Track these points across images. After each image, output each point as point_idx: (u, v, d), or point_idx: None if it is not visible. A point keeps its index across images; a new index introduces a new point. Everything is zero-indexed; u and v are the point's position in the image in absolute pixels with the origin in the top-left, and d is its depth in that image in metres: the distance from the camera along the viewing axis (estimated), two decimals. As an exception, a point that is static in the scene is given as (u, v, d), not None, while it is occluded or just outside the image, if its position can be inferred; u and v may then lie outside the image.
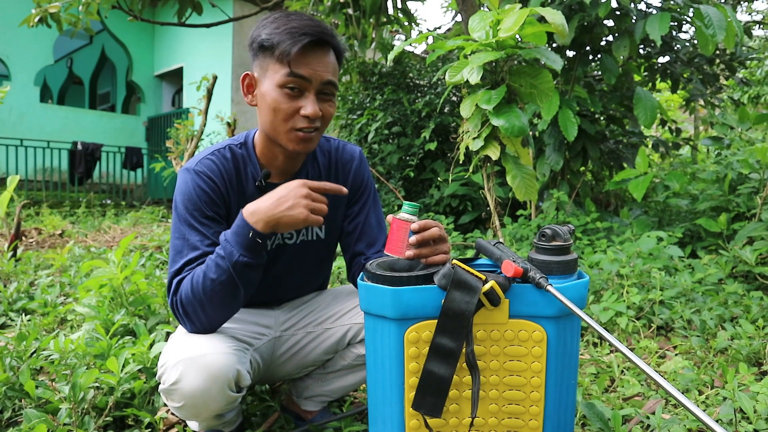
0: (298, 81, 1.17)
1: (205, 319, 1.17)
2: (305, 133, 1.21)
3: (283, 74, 1.17)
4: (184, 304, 1.16)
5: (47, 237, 5.13)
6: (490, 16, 2.26)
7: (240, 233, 1.13)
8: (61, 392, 1.47)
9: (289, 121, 1.20)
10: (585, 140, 3.77)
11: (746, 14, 11.31)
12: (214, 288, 1.13)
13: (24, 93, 9.77)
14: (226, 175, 1.29)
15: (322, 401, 1.54)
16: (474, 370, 1.02)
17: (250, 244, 1.12)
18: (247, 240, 1.12)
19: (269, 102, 1.19)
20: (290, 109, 1.19)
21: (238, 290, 1.15)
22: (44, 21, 4.81)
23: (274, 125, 1.22)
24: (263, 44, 1.19)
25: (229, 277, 1.12)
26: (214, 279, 1.12)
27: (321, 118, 1.22)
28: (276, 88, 1.18)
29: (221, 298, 1.15)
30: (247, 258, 1.13)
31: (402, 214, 1.14)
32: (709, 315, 2.14)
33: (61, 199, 8.93)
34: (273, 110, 1.19)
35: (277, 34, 1.16)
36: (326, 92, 1.22)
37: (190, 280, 1.15)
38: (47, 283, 2.92)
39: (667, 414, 1.55)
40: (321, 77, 1.19)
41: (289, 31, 1.16)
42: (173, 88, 12.14)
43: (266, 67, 1.20)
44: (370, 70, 5.67)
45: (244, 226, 1.13)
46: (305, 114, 1.18)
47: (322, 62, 1.19)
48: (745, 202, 3.09)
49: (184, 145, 6.08)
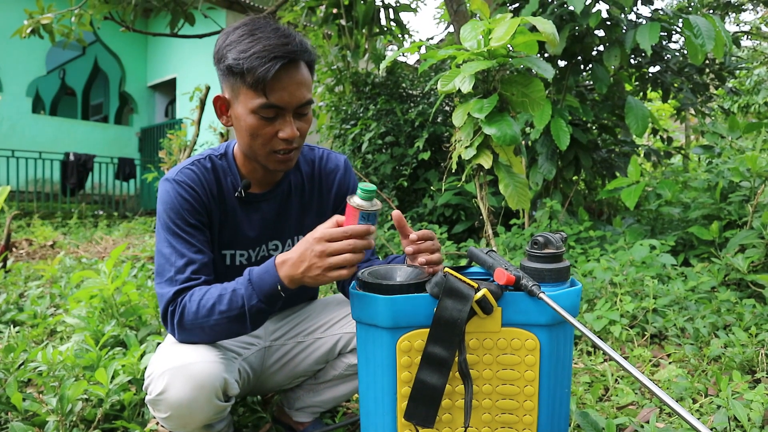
0: (274, 109, 1.15)
1: (199, 338, 1.16)
2: (284, 154, 1.20)
3: (258, 103, 1.13)
4: (183, 317, 1.13)
5: (38, 248, 5.09)
6: (481, 26, 2.27)
7: (266, 280, 1.08)
8: (48, 404, 1.45)
9: (268, 145, 1.18)
10: (577, 149, 3.78)
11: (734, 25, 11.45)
12: (220, 320, 1.10)
13: (16, 104, 9.73)
14: (207, 185, 1.27)
15: (314, 412, 1.53)
16: (467, 379, 1.01)
17: (274, 294, 1.09)
18: (272, 289, 1.08)
19: (245, 127, 1.17)
20: (267, 134, 1.17)
21: (245, 327, 1.13)
22: (36, 32, 4.81)
23: (252, 149, 1.21)
24: (232, 69, 1.13)
25: (241, 317, 1.10)
26: (223, 312, 1.10)
27: (299, 137, 1.20)
28: (250, 113, 1.15)
29: (224, 330, 1.13)
30: (264, 305, 1.09)
31: (357, 200, 1.04)
32: (702, 323, 2.14)
33: (52, 210, 8.88)
34: (251, 135, 1.17)
35: (245, 59, 1.10)
36: (302, 111, 1.20)
37: (199, 300, 1.12)
38: (37, 295, 2.89)
39: (662, 423, 1.55)
40: (296, 101, 1.16)
41: (258, 56, 1.10)
42: (166, 99, 12.13)
43: (238, 91, 1.16)
44: (363, 80, 5.69)
45: (272, 275, 1.08)
46: (283, 137, 1.16)
47: (295, 83, 1.15)
48: (736, 210, 3.10)
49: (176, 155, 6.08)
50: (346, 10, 5.20)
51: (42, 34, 4.85)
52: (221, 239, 1.33)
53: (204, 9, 5.51)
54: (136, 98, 11.64)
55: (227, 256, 1.36)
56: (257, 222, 1.35)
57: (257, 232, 1.35)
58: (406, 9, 5.55)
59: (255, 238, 1.36)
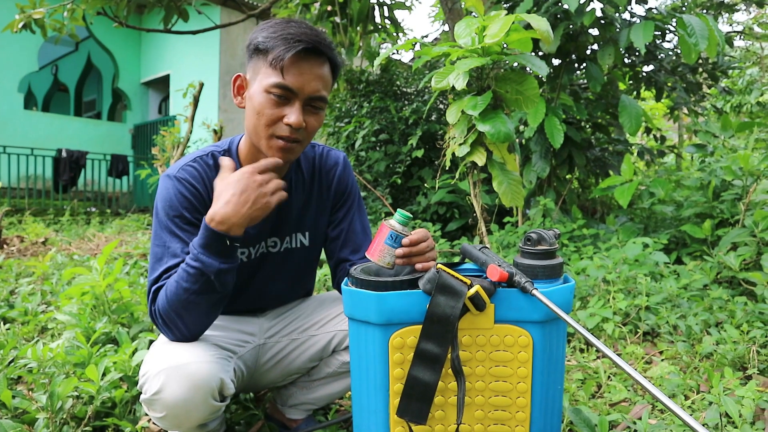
0: (286, 91, 1.15)
1: (185, 328, 1.15)
2: (285, 142, 1.18)
3: (272, 81, 1.14)
4: (162, 314, 1.14)
5: (30, 245, 5.05)
6: (475, 23, 2.27)
7: (213, 243, 1.10)
8: (38, 402, 1.44)
9: (271, 127, 1.18)
10: (571, 147, 3.79)
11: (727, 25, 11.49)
12: (190, 298, 1.11)
13: (7, 100, 9.65)
14: (209, 182, 1.26)
15: (306, 409, 1.52)
16: (459, 375, 1.01)
17: (228, 250, 1.12)
18: (224, 248, 1.11)
19: (255, 105, 1.17)
20: (274, 115, 1.16)
21: (220, 298, 1.14)
22: (28, 27, 4.76)
23: (256, 129, 1.19)
24: (258, 47, 1.17)
25: (209, 286, 1.11)
26: (189, 288, 1.10)
27: (305, 129, 1.19)
28: (263, 92, 1.16)
29: (199, 307, 1.13)
30: (226, 265, 1.11)
31: (392, 222, 1.13)
32: (694, 320, 2.15)
33: (44, 207, 8.81)
34: (257, 113, 1.17)
35: (272, 39, 1.14)
36: (314, 105, 1.20)
37: (165, 290, 1.13)
38: (28, 291, 2.87)
39: (654, 419, 1.55)
40: (310, 90, 1.17)
41: (284, 37, 1.13)
42: (160, 96, 12.07)
43: (258, 70, 1.18)
44: (357, 77, 5.68)
45: (215, 235, 1.10)
46: (288, 122, 1.16)
47: (313, 73, 1.16)
48: (728, 208, 3.12)
49: (170, 152, 6.04)
50: (340, 8, 5.19)
51: (34, 29, 4.80)
52: None
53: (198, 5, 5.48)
54: (129, 95, 11.58)
55: None
56: None
57: (257, 229, 1.34)
58: (400, 7, 5.54)
59: (255, 235, 1.35)
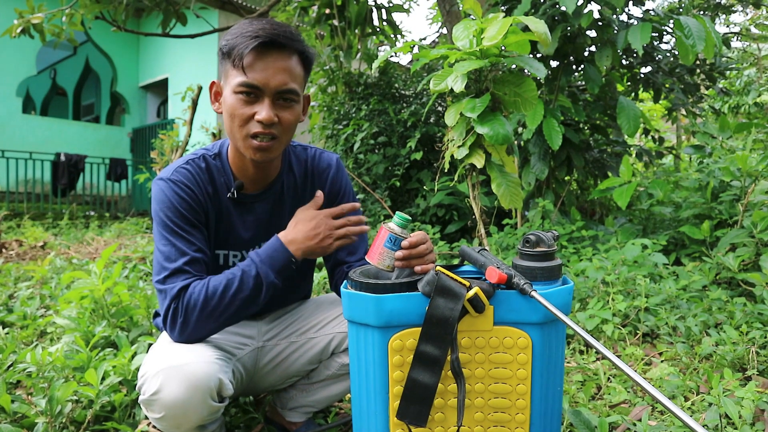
0: (251, 89, 1.16)
1: (203, 330, 1.17)
2: (260, 141, 1.19)
3: (238, 80, 1.16)
4: (188, 312, 1.14)
5: (28, 249, 5.04)
6: (474, 25, 2.27)
7: (276, 258, 1.20)
8: (37, 406, 1.44)
9: (245, 127, 1.19)
10: (569, 149, 3.79)
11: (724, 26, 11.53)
12: (233, 302, 1.16)
13: (6, 104, 9.64)
14: (202, 184, 1.27)
15: (306, 412, 1.52)
16: (459, 377, 1.01)
17: (286, 268, 1.22)
18: (283, 265, 1.21)
19: (227, 108, 1.20)
20: (245, 114, 1.18)
21: (256, 306, 1.21)
22: (27, 32, 4.76)
23: (232, 132, 1.22)
24: (222, 50, 1.20)
25: (256, 295, 1.18)
26: (235, 293, 1.16)
27: (279, 125, 1.20)
28: (232, 93, 1.18)
29: (237, 312, 1.18)
30: (278, 281, 1.21)
31: (391, 224, 1.14)
32: (693, 321, 2.15)
33: (43, 211, 8.80)
34: (230, 116, 1.20)
35: (233, 39, 1.16)
36: (285, 98, 1.20)
37: (205, 290, 1.14)
38: (27, 296, 2.86)
39: (654, 421, 1.55)
40: (275, 84, 1.17)
41: (243, 35, 1.15)
42: (158, 99, 12.07)
43: (227, 74, 1.20)
44: (355, 80, 5.68)
45: (283, 251, 1.21)
46: (258, 119, 1.17)
47: (276, 67, 1.17)
48: (727, 209, 3.12)
49: (168, 155, 6.05)
50: (338, 11, 5.20)
51: (32, 34, 4.81)
52: (216, 239, 1.33)
53: (196, 9, 5.49)
54: (127, 98, 11.57)
55: (221, 256, 1.36)
56: (251, 223, 1.35)
57: (251, 233, 1.35)
58: (398, 9, 5.55)
59: (249, 239, 1.36)
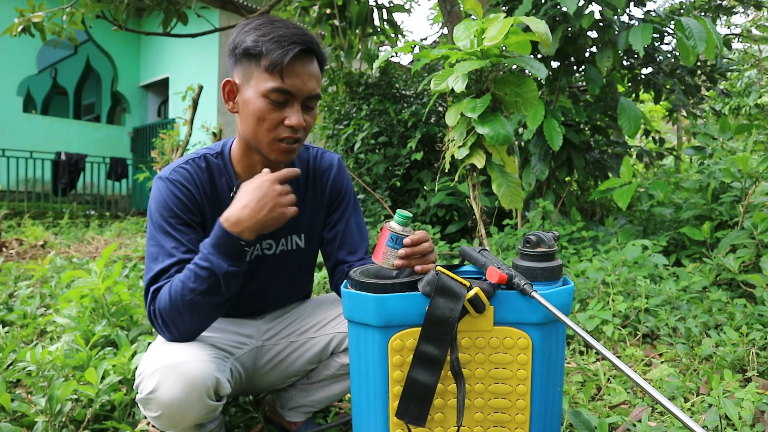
0: (285, 95, 1.16)
1: (183, 329, 1.15)
2: (287, 144, 1.20)
3: (271, 85, 1.15)
4: (162, 314, 1.14)
5: (29, 248, 5.04)
6: (474, 25, 2.27)
7: (225, 244, 1.12)
8: (37, 405, 1.44)
9: (273, 131, 1.19)
10: (570, 150, 3.79)
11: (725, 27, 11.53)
12: (195, 298, 1.11)
13: (6, 103, 9.64)
14: (201, 184, 1.27)
15: (306, 412, 1.52)
16: (459, 378, 1.01)
17: (238, 252, 1.13)
18: (234, 250, 1.12)
19: (253, 111, 1.17)
20: (275, 119, 1.17)
21: (223, 299, 1.15)
22: (27, 30, 4.76)
23: (257, 134, 1.20)
24: (249, 51, 1.16)
25: (215, 288, 1.12)
26: (195, 289, 1.11)
27: (303, 128, 1.21)
28: (260, 97, 1.16)
29: (202, 308, 1.14)
30: (235, 267, 1.13)
31: (392, 224, 1.13)
32: (693, 323, 2.14)
33: (43, 210, 8.80)
34: (257, 119, 1.18)
35: (264, 42, 1.14)
36: (310, 104, 1.22)
37: (169, 289, 1.13)
38: (27, 295, 2.86)
39: (654, 422, 1.55)
40: (307, 90, 1.19)
41: (276, 40, 1.13)
42: (159, 99, 12.07)
43: (250, 75, 1.17)
44: (356, 80, 5.68)
45: (228, 236, 1.12)
46: (290, 124, 1.17)
47: (308, 73, 1.18)
48: (727, 210, 3.12)
49: (169, 155, 6.05)
50: (339, 11, 5.20)
51: (33, 33, 4.80)
52: None
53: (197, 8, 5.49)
54: (128, 98, 11.57)
55: None
56: None
57: None
58: (399, 9, 5.55)
59: None
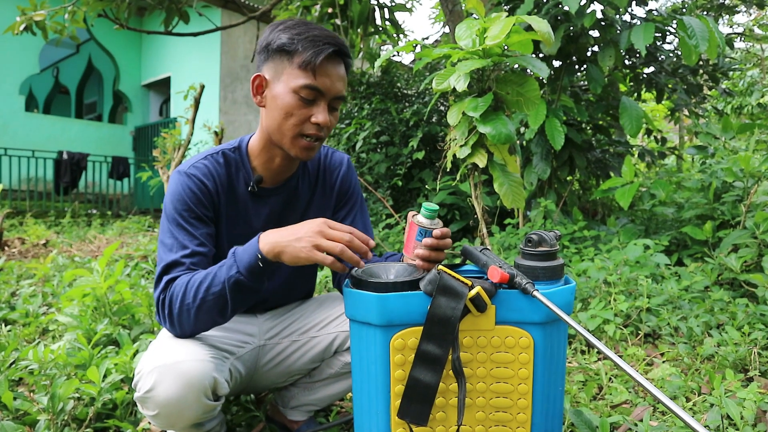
0: (315, 93, 1.20)
1: (187, 325, 1.15)
2: (310, 141, 1.23)
3: (302, 82, 1.18)
4: (172, 304, 1.14)
5: (31, 247, 5.05)
6: (476, 24, 2.27)
7: (247, 251, 1.11)
8: (39, 403, 1.44)
9: (299, 127, 1.22)
10: (572, 149, 3.79)
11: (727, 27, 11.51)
12: (205, 297, 1.10)
13: (8, 102, 9.66)
14: (218, 179, 1.29)
15: (308, 411, 1.52)
16: (460, 377, 1.01)
17: (252, 264, 1.09)
18: (250, 259, 1.09)
19: (281, 105, 1.21)
20: (303, 115, 1.21)
21: (227, 306, 1.12)
22: (29, 29, 4.77)
23: (282, 129, 1.23)
24: (283, 48, 1.19)
25: (222, 291, 1.10)
26: (208, 288, 1.10)
27: (326, 127, 1.24)
28: (291, 93, 1.19)
29: (208, 309, 1.12)
30: (243, 277, 1.09)
31: (419, 218, 1.15)
32: (695, 322, 2.14)
33: (45, 209, 8.83)
34: (285, 114, 1.21)
35: (300, 40, 1.18)
36: (335, 104, 1.26)
37: (186, 282, 1.13)
38: (29, 293, 2.87)
39: (655, 421, 1.55)
40: (336, 91, 1.23)
41: (311, 39, 1.18)
42: (160, 98, 12.08)
43: (282, 71, 1.21)
44: (357, 79, 5.69)
45: (253, 245, 1.11)
46: (316, 121, 1.21)
47: (338, 74, 1.22)
48: (729, 210, 3.11)
49: (171, 154, 6.05)
50: (341, 10, 5.20)
51: (35, 31, 4.81)
52: (233, 233, 1.33)
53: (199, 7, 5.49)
54: (130, 97, 11.59)
55: None
56: (265, 216, 1.37)
57: (263, 225, 1.37)
58: (401, 9, 5.54)
59: (256, 233, 1.36)
